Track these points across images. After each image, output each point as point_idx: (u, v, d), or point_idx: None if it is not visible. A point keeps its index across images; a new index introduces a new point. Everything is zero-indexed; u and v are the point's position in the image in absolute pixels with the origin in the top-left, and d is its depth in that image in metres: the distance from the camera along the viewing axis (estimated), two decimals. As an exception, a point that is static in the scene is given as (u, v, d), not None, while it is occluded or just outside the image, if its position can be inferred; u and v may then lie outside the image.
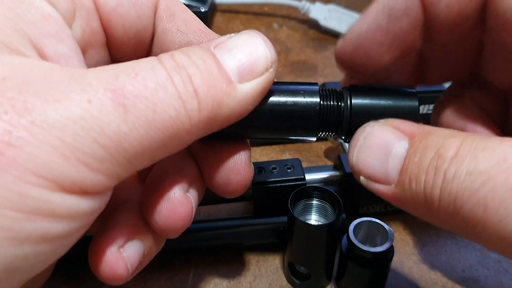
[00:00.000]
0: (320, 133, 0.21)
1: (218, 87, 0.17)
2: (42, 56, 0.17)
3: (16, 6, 0.17)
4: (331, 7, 0.52)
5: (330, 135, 0.22)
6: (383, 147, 0.19)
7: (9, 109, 0.14)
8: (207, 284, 0.29)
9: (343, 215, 0.30)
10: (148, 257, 0.21)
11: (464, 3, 0.20)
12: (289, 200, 0.26)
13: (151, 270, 0.29)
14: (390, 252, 0.26)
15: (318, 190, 0.27)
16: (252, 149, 0.38)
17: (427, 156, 0.17)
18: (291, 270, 0.28)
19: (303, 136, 0.20)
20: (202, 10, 0.50)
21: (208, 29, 0.22)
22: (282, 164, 0.31)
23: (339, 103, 0.21)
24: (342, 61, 0.22)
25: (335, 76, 0.47)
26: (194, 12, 0.22)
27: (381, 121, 0.19)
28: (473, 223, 0.16)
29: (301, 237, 0.26)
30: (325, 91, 0.21)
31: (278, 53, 0.49)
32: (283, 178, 0.30)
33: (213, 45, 0.18)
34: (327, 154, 0.38)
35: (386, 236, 0.26)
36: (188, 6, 0.55)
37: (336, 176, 0.31)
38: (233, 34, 0.19)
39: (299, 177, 0.30)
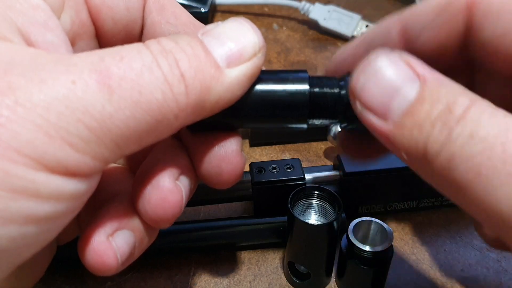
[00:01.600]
0: (312, 120, 0.21)
1: (206, 72, 0.17)
2: (30, 44, 0.17)
3: None
4: (331, 7, 0.53)
5: (323, 122, 0.22)
6: (392, 83, 0.18)
7: None
8: (207, 284, 0.29)
9: (343, 215, 0.30)
10: (139, 248, 0.20)
11: (444, 36, 0.20)
12: (289, 199, 0.26)
13: (151, 270, 0.29)
14: (389, 251, 0.26)
15: (318, 189, 0.27)
16: (252, 149, 0.38)
17: (437, 108, 0.16)
18: (291, 270, 0.28)
19: (293, 124, 0.20)
20: (202, 10, 0.50)
21: (198, 21, 0.22)
22: (282, 164, 0.31)
23: (339, 90, 0.21)
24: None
25: (335, 76, 0.47)
26: (194, 12, 0.23)
27: (397, 51, 0.18)
28: (463, 187, 0.16)
29: (301, 237, 0.26)
30: (320, 79, 0.21)
31: (278, 53, 0.49)
32: (283, 178, 0.30)
33: (200, 32, 0.18)
34: (327, 154, 0.38)
35: (385, 235, 0.26)
36: (188, 6, 0.55)
37: (335, 176, 0.31)
38: (220, 22, 0.19)
39: (299, 177, 0.30)
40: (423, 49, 0.20)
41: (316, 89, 0.20)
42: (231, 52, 0.18)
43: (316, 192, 0.27)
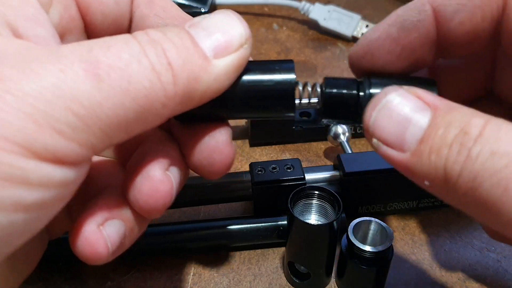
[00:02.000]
0: (328, 120, 0.22)
1: (194, 62, 0.17)
2: (19, 37, 0.17)
3: None
4: (331, 7, 0.53)
5: (339, 122, 0.22)
6: (404, 114, 0.18)
7: None
8: (207, 284, 0.29)
9: (343, 215, 0.30)
10: (130, 238, 0.21)
11: (478, 21, 0.20)
12: (289, 199, 0.26)
13: (151, 269, 0.29)
14: (389, 251, 0.26)
15: (318, 190, 0.27)
16: (252, 149, 0.38)
17: (452, 131, 0.17)
18: (291, 270, 0.28)
19: (281, 113, 0.21)
20: (202, 10, 0.50)
21: (187, 15, 0.22)
22: (282, 164, 0.31)
23: (357, 92, 0.21)
24: (352, 65, 0.23)
25: (335, 76, 0.47)
26: (194, 12, 0.23)
27: (405, 87, 0.19)
28: (489, 203, 0.16)
29: (301, 237, 0.26)
30: (337, 80, 0.21)
31: (278, 53, 0.49)
32: (283, 178, 0.30)
33: (187, 24, 0.18)
34: (327, 154, 0.38)
35: (385, 235, 0.26)
36: (188, 6, 0.55)
37: (335, 176, 0.31)
38: (207, 14, 0.19)
39: (299, 177, 0.30)
40: (455, 32, 0.21)
41: (334, 90, 0.21)
42: (219, 43, 0.18)
43: (316, 192, 0.27)
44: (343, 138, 0.35)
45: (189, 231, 0.30)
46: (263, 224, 0.30)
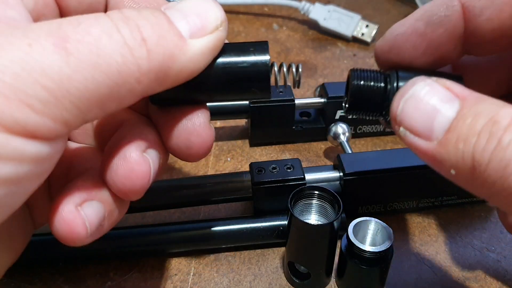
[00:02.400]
0: (354, 112, 0.22)
1: (169, 40, 0.17)
2: None
3: None
4: (331, 7, 0.53)
5: (365, 114, 0.22)
6: (432, 104, 0.18)
7: None
8: (207, 284, 0.29)
9: (343, 215, 0.30)
10: (109, 221, 0.21)
11: (505, 17, 0.20)
12: (289, 200, 0.26)
13: (151, 269, 0.29)
14: (389, 251, 0.26)
15: (318, 189, 0.27)
16: (252, 149, 0.38)
17: (480, 121, 0.17)
18: (291, 270, 0.28)
19: (257, 95, 0.21)
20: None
21: (164, 1, 0.22)
22: (282, 164, 0.31)
23: (385, 85, 0.21)
24: (378, 58, 0.23)
25: (335, 76, 0.47)
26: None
27: (434, 78, 0.19)
28: None
29: (301, 237, 0.26)
30: (365, 72, 0.22)
31: (278, 53, 0.49)
32: (283, 178, 0.30)
33: (163, 7, 0.18)
34: (327, 154, 0.38)
35: (385, 235, 0.26)
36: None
37: (335, 176, 0.31)
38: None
39: (299, 177, 0.30)
40: (484, 28, 0.21)
41: (361, 82, 0.21)
42: (194, 24, 0.18)
43: (316, 192, 0.27)
44: (343, 138, 0.35)
45: (189, 231, 0.30)
46: (263, 224, 0.30)
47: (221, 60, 0.20)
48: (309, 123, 0.39)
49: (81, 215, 0.19)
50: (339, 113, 0.38)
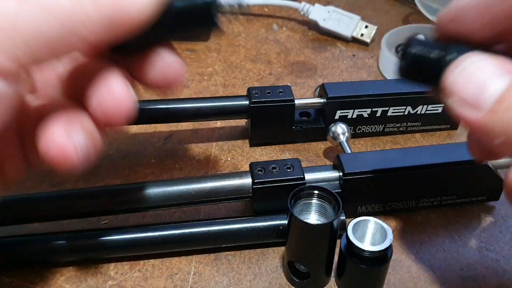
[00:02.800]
0: (409, 80, 0.22)
1: None
2: None
3: None
4: (331, 8, 0.53)
5: (418, 81, 0.22)
6: (483, 78, 0.19)
7: None
8: (208, 283, 0.29)
9: (342, 215, 0.30)
10: (94, 150, 0.21)
11: None
12: (289, 199, 0.26)
13: (152, 269, 0.29)
14: (388, 251, 0.26)
15: (317, 189, 0.27)
16: (252, 149, 0.38)
17: None
18: (290, 269, 0.28)
19: (206, 27, 0.22)
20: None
21: None
22: (281, 163, 0.31)
23: (445, 54, 0.21)
24: (438, 28, 0.23)
25: (334, 77, 0.47)
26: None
27: (487, 53, 0.20)
28: None
29: (300, 236, 0.26)
30: (424, 41, 0.22)
31: (278, 53, 0.49)
32: (283, 178, 0.30)
33: None
34: (327, 154, 0.38)
35: (385, 235, 0.26)
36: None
37: (335, 175, 0.31)
38: None
39: (298, 176, 0.30)
40: None
41: (420, 49, 0.21)
42: None
43: (316, 191, 0.27)
44: (342, 138, 0.35)
45: (190, 231, 0.30)
46: (263, 223, 0.30)
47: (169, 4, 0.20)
48: (309, 123, 0.39)
49: (72, 140, 0.20)
50: (339, 113, 0.38)
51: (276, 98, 0.36)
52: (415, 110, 0.39)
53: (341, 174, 0.31)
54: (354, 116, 0.38)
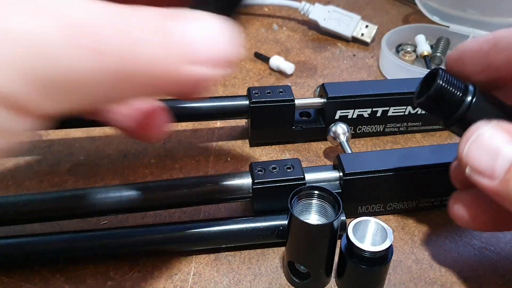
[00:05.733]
0: (424, 106, 0.25)
1: (168, 61, 0.17)
2: None
3: None
4: (331, 8, 0.53)
5: (432, 111, 0.25)
6: (494, 147, 0.21)
7: None
8: (207, 283, 0.29)
9: (343, 215, 0.30)
10: None
11: None
12: (289, 199, 0.26)
13: (152, 269, 0.29)
14: (389, 251, 0.26)
15: (317, 189, 0.27)
16: (252, 149, 0.38)
17: None
18: (290, 269, 0.28)
19: None
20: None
21: None
22: (282, 164, 0.31)
23: (462, 95, 0.24)
24: (447, 64, 0.26)
25: (334, 76, 0.47)
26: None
27: (495, 122, 0.22)
28: None
29: (300, 237, 0.26)
30: (451, 78, 0.24)
31: (278, 53, 0.49)
32: (283, 178, 0.30)
33: (173, 14, 0.17)
34: (327, 154, 0.38)
35: (385, 235, 0.26)
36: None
37: (335, 175, 0.31)
38: (199, 12, 0.18)
39: (298, 176, 0.30)
40: None
41: (445, 85, 0.23)
42: (199, 55, 0.17)
43: (316, 192, 0.27)
44: (343, 138, 0.35)
45: (190, 231, 0.30)
46: (263, 224, 0.30)
47: None
48: (309, 123, 0.39)
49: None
50: (339, 113, 0.38)
51: (276, 98, 0.36)
52: (415, 110, 0.39)
53: (341, 174, 0.31)
54: (355, 116, 0.38)
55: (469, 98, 0.23)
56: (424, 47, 0.48)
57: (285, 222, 0.29)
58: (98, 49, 0.15)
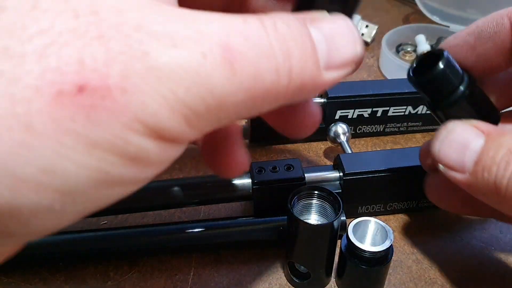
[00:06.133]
0: (422, 82, 0.24)
1: (309, 70, 0.17)
2: None
3: None
4: (331, 7, 0.52)
5: (425, 93, 0.24)
6: (462, 142, 0.22)
7: (126, 49, 0.13)
8: (207, 283, 0.29)
9: (343, 215, 0.30)
10: None
11: None
12: (289, 199, 0.26)
13: (152, 269, 0.29)
14: (389, 251, 0.26)
15: (317, 189, 0.27)
16: (252, 149, 0.38)
17: (500, 151, 0.21)
18: (291, 269, 0.28)
19: None
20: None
21: None
22: (282, 164, 0.31)
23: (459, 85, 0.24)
24: None
25: (335, 76, 0.47)
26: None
27: (463, 120, 0.23)
28: None
29: (301, 237, 0.26)
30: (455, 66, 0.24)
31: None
32: (283, 178, 0.30)
33: (309, 20, 0.18)
34: (327, 154, 0.38)
35: (385, 235, 0.26)
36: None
37: (335, 176, 0.31)
38: (326, 14, 0.18)
39: (299, 176, 0.30)
40: None
41: (447, 70, 0.23)
42: (333, 56, 0.18)
43: (316, 192, 0.27)
44: (343, 138, 0.35)
45: (190, 231, 0.30)
46: (263, 224, 0.30)
47: None
48: (309, 123, 0.39)
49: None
50: (339, 113, 0.38)
51: (276, 98, 0.36)
52: (415, 110, 0.39)
53: (341, 174, 0.31)
54: (355, 116, 0.38)
55: (462, 88, 0.23)
56: (424, 47, 0.48)
57: (285, 222, 0.28)
58: (251, 72, 0.15)
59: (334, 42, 0.18)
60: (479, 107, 0.24)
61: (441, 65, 0.23)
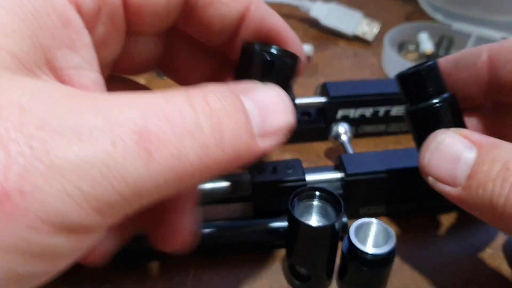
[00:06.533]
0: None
1: (243, 141, 0.17)
2: (53, 69, 0.16)
3: (39, 10, 0.16)
4: (332, 6, 0.52)
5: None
6: (453, 154, 0.21)
7: (26, 150, 0.13)
8: (207, 285, 0.28)
9: (344, 216, 0.29)
10: None
11: None
12: (289, 200, 0.26)
13: (150, 271, 0.29)
14: (391, 253, 0.26)
15: (318, 190, 0.27)
16: (252, 149, 0.38)
17: (495, 167, 0.20)
18: (291, 271, 0.28)
19: None
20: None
21: None
22: (282, 164, 0.30)
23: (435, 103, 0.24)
24: None
25: (336, 75, 0.46)
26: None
27: (452, 129, 0.22)
28: None
29: (301, 238, 0.26)
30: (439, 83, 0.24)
31: (279, 52, 0.49)
32: (284, 179, 0.29)
33: (240, 91, 0.18)
34: (328, 154, 0.38)
35: (387, 237, 0.26)
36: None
37: (337, 176, 0.31)
38: (259, 84, 0.19)
39: (299, 177, 0.30)
40: (506, 78, 0.24)
41: (436, 71, 0.24)
42: (266, 125, 0.18)
43: (317, 193, 0.27)
44: (344, 138, 0.35)
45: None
46: (263, 225, 0.30)
47: None
48: (310, 123, 0.39)
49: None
50: (341, 113, 0.37)
51: (277, 97, 0.36)
52: (418, 110, 0.38)
53: (343, 175, 0.31)
54: (356, 115, 0.38)
55: (436, 100, 0.24)
56: (427, 45, 0.48)
57: (285, 223, 0.28)
58: (174, 153, 0.15)
59: (267, 111, 0.18)
60: (457, 119, 0.24)
61: (431, 62, 0.24)
